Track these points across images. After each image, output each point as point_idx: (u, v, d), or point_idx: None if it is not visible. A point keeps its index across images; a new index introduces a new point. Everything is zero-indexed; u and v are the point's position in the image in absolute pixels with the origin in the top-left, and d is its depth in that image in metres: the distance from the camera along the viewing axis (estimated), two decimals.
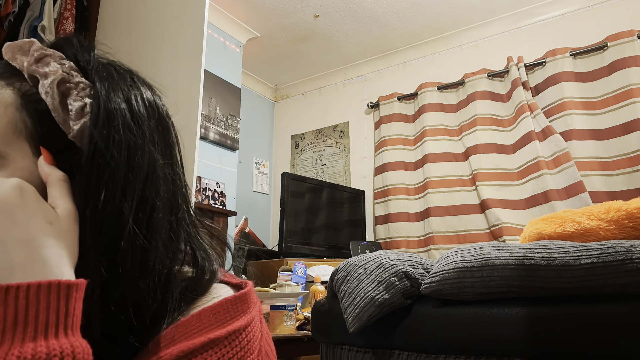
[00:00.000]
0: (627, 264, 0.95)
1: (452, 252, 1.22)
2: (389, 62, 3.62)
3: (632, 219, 1.23)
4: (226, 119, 3.12)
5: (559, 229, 1.32)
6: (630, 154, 2.48)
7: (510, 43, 3.10)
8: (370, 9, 3.05)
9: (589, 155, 2.61)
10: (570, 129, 2.66)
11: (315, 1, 2.96)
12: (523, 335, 1.03)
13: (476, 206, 2.90)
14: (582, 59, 2.77)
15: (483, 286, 1.09)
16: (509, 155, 2.91)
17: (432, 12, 3.08)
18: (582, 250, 1.01)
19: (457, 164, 3.06)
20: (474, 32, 3.25)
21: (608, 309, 0.97)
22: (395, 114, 3.40)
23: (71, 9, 1.93)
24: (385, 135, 3.37)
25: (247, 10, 3.07)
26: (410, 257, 1.33)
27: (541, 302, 1.05)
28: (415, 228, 3.12)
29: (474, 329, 1.09)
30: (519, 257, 1.06)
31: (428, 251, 2.97)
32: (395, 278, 1.21)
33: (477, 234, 2.85)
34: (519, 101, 2.85)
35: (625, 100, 2.53)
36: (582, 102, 2.71)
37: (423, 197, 3.10)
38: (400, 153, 3.30)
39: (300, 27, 3.24)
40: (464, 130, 3.08)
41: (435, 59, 3.42)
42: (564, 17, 2.94)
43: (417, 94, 3.33)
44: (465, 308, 1.13)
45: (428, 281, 1.19)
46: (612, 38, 2.64)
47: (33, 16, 1.84)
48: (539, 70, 2.91)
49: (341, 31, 3.30)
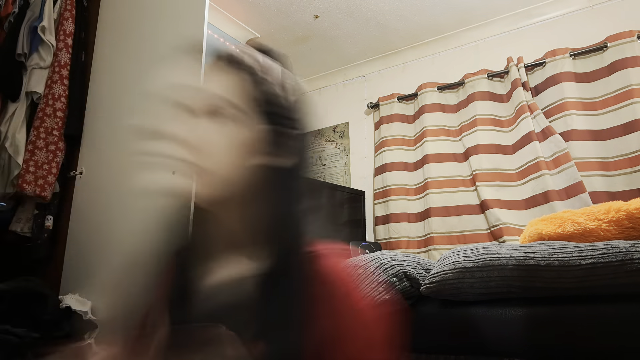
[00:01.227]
0: (627, 264, 0.95)
1: (452, 253, 1.22)
2: (389, 63, 3.62)
3: (632, 219, 1.23)
4: None
5: (559, 230, 1.32)
6: (630, 155, 2.48)
7: (510, 43, 3.10)
8: (370, 10, 3.05)
9: (589, 156, 2.61)
10: (570, 130, 2.66)
11: (315, 2, 2.96)
12: (523, 335, 1.03)
13: (476, 206, 2.90)
14: (582, 59, 2.77)
15: (483, 286, 1.09)
16: (508, 156, 2.91)
17: (432, 13, 3.08)
18: (582, 250, 1.01)
19: (457, 165, 3.06)
20: (473, 33, 3.25)
21: (608, 309, 0.97)
22: (395, 114, 3.40)
23: (71, 10, 1.93)
24: (385, 135, 3.37)
25: (247, 11, 3.07)
26: (410, 258, 1.33)
27: (541, 302, 1.05)
28: (415, 228, 3.11)
29: (474, 329, 1.09)
30: (519, 258, 1.06)
31: (428, 252, 2.97)
32: (395, 279, 1.21)
33: (477, 234, 2.85)
34: (519, 102, 2.85)
35: (625, 100, 2.53)
36: (582, 103, 2.70)
37: (423, 197, 3.10)
38: (400, 153, 3.30)
39: (300, 27, 3.24)
40: (464, 130, 3.08)
41: (435, 59, 3.42)
42: (564, 18, 2.94)
43: (417, 94, 3.33)
44: (465, 308, 1.13)
45: (428, 282, 1.19)
46: (612, 38, 2.64)
47: (33, 17, 1.84)
48: (538, 70, 2.91)
49: (341, 32, 3.30)
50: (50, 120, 1.80)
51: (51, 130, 1.79)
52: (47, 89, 1.82)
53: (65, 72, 1.85)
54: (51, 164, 1.77)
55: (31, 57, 1.82)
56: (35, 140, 1.77)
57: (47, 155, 1.78)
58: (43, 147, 1.77)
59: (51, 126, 1.79)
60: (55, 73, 1.83)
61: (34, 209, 1.81)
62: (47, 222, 1.78)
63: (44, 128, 1.78)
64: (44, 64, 1.82)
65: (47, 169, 1.76)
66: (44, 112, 1.80)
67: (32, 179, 1.73)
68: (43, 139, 1.78)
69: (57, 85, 1.82)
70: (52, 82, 1.82)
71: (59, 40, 1.86)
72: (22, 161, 1.73)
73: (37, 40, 1.82)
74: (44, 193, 1.74)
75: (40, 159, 1.76)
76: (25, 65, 1.81)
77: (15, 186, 1.73)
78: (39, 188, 1.73)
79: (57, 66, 1.84)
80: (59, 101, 1.82)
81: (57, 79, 1.83)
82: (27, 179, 1.72)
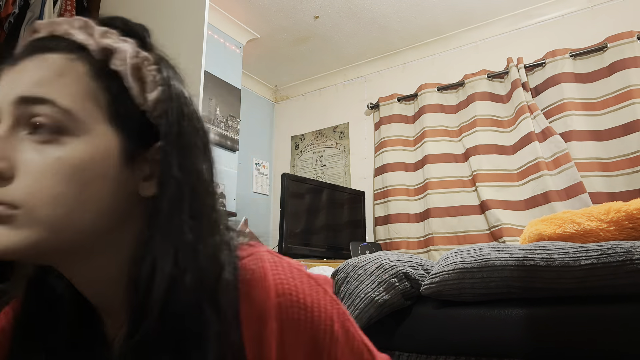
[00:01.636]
0: (627, 264, 0.95)
1: (452, 253, 1.22)
2: (389, 63, 3.62)
3: (632, 219, 1.23)
4: (226, 120, 3.12)
5: (559, 230, 1.32)
6: (631, 155, 2.48)
7: (510, 44, 3.10)
8: (370, 10, 3.05)
9: (589, 156, 2.61)
10: (570, 130, 2.66)
11: (315, 2, 2.97)
12: (523, 336, 1.03)
13: (476, 207, 2.90)
14: (582, 60, 2.77)
15: (483, 287, 1.09)
16: (508, 156, 2.91)
17: (431, 13, 3.09)
18: (582, 251, 1.01)
19: (457, 165, 3.06)
20: (473, 33, 3.25)
21: (608, 310, 0.97)
22: (395, 114, 3.40)
23: (71, 10, 1.93)
24: (385, 136, 3.37)
25: (247, 12, 3.08)
26: (410, 258, 1.33)
27: (541, 303, 1.05)
28: (415, 229, 3.11)
29: (474, 330, 1.09)
30: (519, 258, 1.06)
31: (428, 252, 2.97)
32: (395, 279, 1.21)
33: (477, 235, 2.85)
34: (519, 102, 2.85)
35: (625, 101, 2.53)
36: (582, 103, 2.71)
37: (423, 198, 3.10)
38: (400, 154, 3.30)
39: (300, 28, 3.24)
40: (463, 131, 3.08)
41: (435, 60, 3.42)
42: (564, 18, 2.94)
43: (417, 94, 3.33)
44: (465, 309, 1.13)
45: (428, 282, 1.19)
46: (612, 39, 2.64)
47: (33, 17, 1.84)
48: (538, 71, 2.91)
49: (341, 32, 3.30)
50: None
51: None
52: None
53: None
54: None
55: None
56: None
57: None
58: None
59: None
60: None
61: None
62: None
63: None
64: None
65: None
66: None
67: None
68: None
69: None
70: None
71: None
72: None
73: None
74: None
75: None
76: None
77: None
78: None
79: None
80: None
81: None
82: None
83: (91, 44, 0.46)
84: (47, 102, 0.42)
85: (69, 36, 0.47)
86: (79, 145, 0.42)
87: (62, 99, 0.43)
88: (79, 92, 0.44)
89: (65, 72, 0.44)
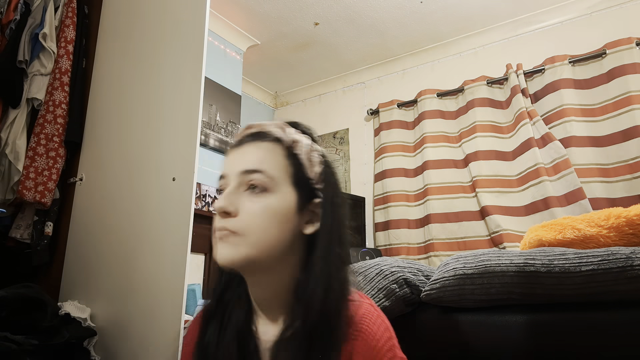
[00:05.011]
0: (627, 270, 0.95)
1: (452, 259, 1.22)
2: (389, 70, 3.63)
3: (632, 225, 1.23)
4: (226, 126, 3.13)
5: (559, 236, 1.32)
6: (630, 161, 2.48)
7: (510, 50, 3.11)
8: (370, 17, 3.06)
9: (589, 162, 2.61)
10: (569, 136, 2.67)
11: (315, 9, 2.98)
12: (523, 342, 1.02)
13: (476, 213, 2.90)
14: (581, 66, 2.78)
15: (483, 293, 1.09)
16: (508, 162, 2.91)
17: (431, 20, 3.10)
18: (582, 257, 1.01)
19: (456, 171, 3.07)
20: (473, 40, 3.26)
21: (608, 316, 0.96)
22: (394, 120, 3.41)
23: (72, 17, 1.94)
24: (385, 142, 3.38)
25: (248, 18, 3.09)
26: (411, 264, 1.32)
27: (541, 309, 1.05)
28: (415, 235, 3.11)
29: (475, 335, 1.09)
30: (519, 264, 1.06)
31: (428, 258, 2.96)
32: (395, 285, 1.21)
33: (477, 240, 2.85)
34: (519, 108, 2.86)
35: (624, 107, 2.54)
36: (581, 109, 2.71)
37: (423, 203, 3.10)
38: (400, 160, 3.30)
39: (300, 34, 3.25)
40: (463, 137, 3.09)
41: (435, 66, 3.43)
42: (563, 25, 2.95)
43: (416, 101, 3.34)
44: (465, 315, 1.13)
45: (428, 288, 1.19)
46: (611, 45, 2.66)
47: (34, 24, 1.85)
48: (538, 77, 2.92)
49: (341, 39, 3.31)
50: (51, 127, 1.80)
51: (52, 136, 1.79)
52: (47, 96, 1.82)
53: (66, 79, 1.86)
54: (51, 171, 1.77)
55: (32, 63, 1.82)
56: (35, 147, 1.77)
57: (47, 162, 1.77)
58: (43, 153, 1.77)
59: (52, 133, 1.80)
60: (56, 80, 1.84)
61: (33, 215, 1.81)
62: (46, 229, 1.78)
63: (45, 134, 1.79)
64: (45, 70, 1.83)
65: (47, 176, 1.76)
66: (45, 118, 1.80)
67: (32, 185, 1.73)
68: (43, 146, 1.78)
69: (58, 91, 1.83)
70: (52, 88, 1.83)
71: (60, 47, 1.87)
72: (22, 167, 1.73)
73: (38, 47, 1.83)
74: (44, 199, 1.73)
75: (40, 166, 1.76)
76: (26, 72, 1.81)
77: (16, 192, 1.73)
78: (39, 194, 1.73)
79: (58, 73, 1.84)
80: (59, 108, 1.82)
81: (58, 86, 1.83)
82: (27, 185, 1.72)
83: (284, 137, 0.72)
84: (260, 172, 0.68)
85: (271, 132, 0.73)
86: (276, 198, 0.67)
87: (269, 170, 0.68)
88: (278, 166, 0.69)
89: (271, 153, 0.70)
